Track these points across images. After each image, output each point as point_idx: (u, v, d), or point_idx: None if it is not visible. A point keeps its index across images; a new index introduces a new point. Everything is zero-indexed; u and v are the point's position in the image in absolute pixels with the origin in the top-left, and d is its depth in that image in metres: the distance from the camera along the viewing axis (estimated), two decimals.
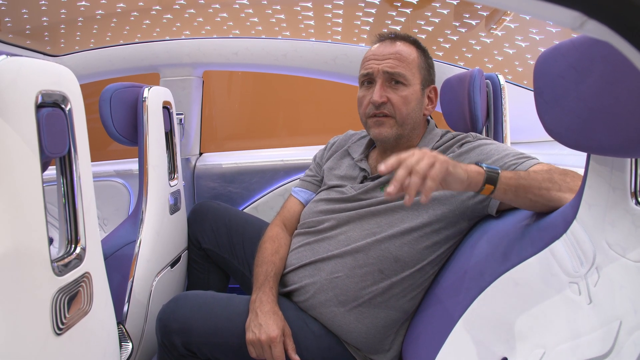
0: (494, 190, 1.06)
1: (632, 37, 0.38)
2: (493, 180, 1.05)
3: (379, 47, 1.47)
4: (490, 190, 1.06)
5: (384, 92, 1.42)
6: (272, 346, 1.29)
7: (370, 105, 1.44)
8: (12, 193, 0.78)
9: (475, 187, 1.06)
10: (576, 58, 0.77)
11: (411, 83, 1.43)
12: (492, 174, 1.05)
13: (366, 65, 1.47)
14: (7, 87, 0.78)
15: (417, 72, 1.45)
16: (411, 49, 1.46)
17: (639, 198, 0.76)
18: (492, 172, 1.06)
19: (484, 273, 1.10)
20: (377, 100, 1.41)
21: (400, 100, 1.42)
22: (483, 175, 1.05)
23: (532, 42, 2.17)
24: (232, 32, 2.42)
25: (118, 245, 1.59)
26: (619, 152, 0.74)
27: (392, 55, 1.43)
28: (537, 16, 0.45)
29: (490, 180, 1.05)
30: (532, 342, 0.89)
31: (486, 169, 1.06)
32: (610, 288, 0.77)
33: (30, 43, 2.34)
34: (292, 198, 1.70)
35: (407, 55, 1.44)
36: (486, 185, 1.05)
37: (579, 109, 0.76)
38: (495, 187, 1.06)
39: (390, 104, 1.42)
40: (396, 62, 1.42)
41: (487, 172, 1.06)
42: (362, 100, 1.48)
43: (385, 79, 1.43)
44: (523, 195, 1.06)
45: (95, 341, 1.03)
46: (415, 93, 1.44)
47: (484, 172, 1.05)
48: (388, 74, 1.42)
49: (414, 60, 1.45)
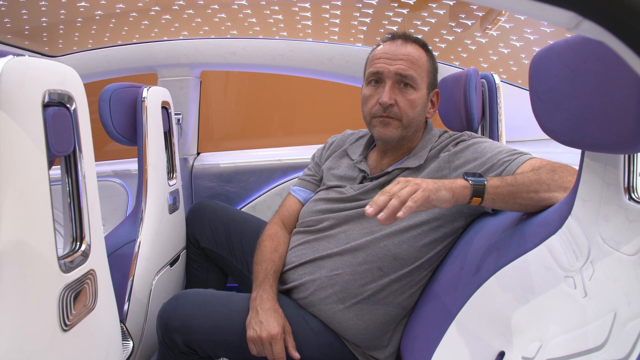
0: (481, 202, 1.10)
1: (626, 37, 0.40)
2: (480, 193, 1.09)
3: (390, 47, 1.45)
4: (478, 202, 1.10)
5: (392, 94, 1.42)
6: (273, 343, 1.30)
7: (378, 106, 1.43)
8: (19, 190, 0.79)
9: (463, 201, 1.10)
10: (570, 57, 0.79)
11: (420, 87, 1.44)
12: (478, 186, 1.09)
13: (376, 63, 1.45)
14: (15, 87, 0.79)
15: (425, 76, 1.46)
16: (421, 52, 1.46)
17: (632, 193, 0.78)
18: (478, 184, 1.09)
19: (481, 269, 1.12)
20: (386, 102, 1.40)
21: (408, 104, 1.42)
22: (469, 189, 1.09)
23: (527, 42, 2.19)
24: (230, 32, 2.43)
25: (118, 245, 1.60)
26: (612, 149, 0.76)
27: (404, 57, 1.42)
28: (533, 16, 0.46)
29: (477, 193, 1.09)
30: (528, 336, 0.91)
31: (472, 183, 1.09)
32: (605, 281, 0.79)
33: (28, 44, 2.35)
34: (290, 197, 1.71)
35: (418, 58, 1.44)
36: (474, 198, 1.10)
37: (573, 107, 0.78)
38: (482, 198, 1.09)
39: (397, 107, 1.42)
40: (408, 64, 1.42)
41: (473, 185, 1.09)
42: (369, 99, 1.47)
43: (395, 80, 1.42)
44: (512, 201, 1.09)
45: (99, 338, 1.05)
46: (422, 97, 1.45)
47: (469, 185, 1.09)
48: (400, 76, 1.41)
49: (424, 64, 1.45)
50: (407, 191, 1.02)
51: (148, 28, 2.43)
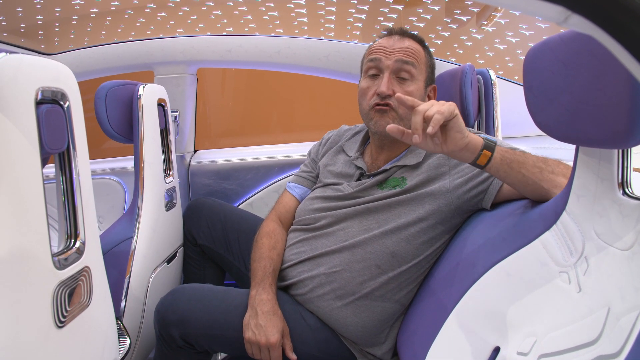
0: (490, 157, 1.07)
1: (613, 30, 0.40)
2: (490, 148, 1.07)
3: (388, 41, 1.46)
4: (487, 157, 1.07)
5: (390, 85, 1.42)
6: (271, 350, 1.31)
7: (376, 96, 1.43)
8: (13, 188, 0.79)
9: (473, 150, 1.06)
10: (564, 52, 0.79)
11: (417, 79, 1.44)
12: (489, 142, 1.07)
13: (375, 54, 1.46)
14: (8, 84, 0.79)
15: (424, 69, 1.46)
16: (419, 46, 1.47)
17: (625, 188, 0.79)
18: (490, 140, 1.08)
19: (477, 264, 1.12)
20: (384, 91, 1.40)
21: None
22: (481, 141, 1.07)
23: (522, 38, 2.19)
24: (226, 29, 2.43)
25: (115, 242, 1.60)
26: (606, 144, 0.76)
27: (403, 50, 1.43)
28: (524, 11, 0.46)
29: (487, 147, 1.07)
30: (523, 331, 0.91)
31: (484, 137, 1.08)
32: (599, 276, 0.79)
33: (24, 41, 2.34)
34: (287, 193, 1.70)
35: (416, 51, 1.44)
36: (484, 151, 1.07)
37: (568, 103, 0.78)
38: (492, 154, 1.07)
39: (394, 98, 1.42)
40: (406, 56, 1.42)
41: (485, 139, 1.08)
42: (367, 91, 1.46)
43: (394, 70, 1.42)
44: (517, 169, 1.08)
45: (94, 334, 1.05)
46: (419, 90, 1.45)
47: (482, 139, 1.08)
48: (401, 62, 1.41)
49: (422, 58, 1.46)
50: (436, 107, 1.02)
51: (144, 25, 2.43)
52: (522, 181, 1.09)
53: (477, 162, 1.08)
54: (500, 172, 1.10)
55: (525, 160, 1.08)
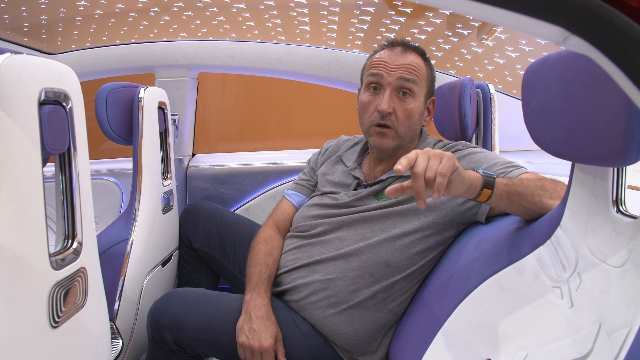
0: (491, 195, 1.06)
1: (610, 52, 0.41)
2: (490, 185, 1.05)
3: (390, 55, 1.45)
4: (487, 195, 1.06)
5: (391, 102, 1.41)
6: (264, 355, 1.31)
7: (377, 113, 1.43)
8: (13, 187, 0.79)
9: (473, 190, 1.05)
10: (563, 70, 0.80)
11: (418, 96, 1.44)
12: (489, 179, 1.06)
13: (375, 70, 1.45)
14: (11, 84, 0.79)
15: (425, 85, 1.46)
16: (420, 61, 1.46)
17: (620, 206, 0.79)
18: (489, 177, 1.06)
19: (471, 277, 1.12)
20: (385, 110, 1.40)
21: (405, 114, 1.42)
22: (481, 180, 1.05)
23: (522, 53, 2.21)
24: (228, 35, 2.44)
25: (110, 243, 1.60)
26: (602, 162, 0.77)
27: (405, 66, 1.42)
28: (523, 30, 0.47)
29: (487, 185, 1.05)
30: (515, 344, 0.91)
31: (483, 174, 1.06)
32: (591, 292, 0.80)
33: (27, 40, 2.35)
34: (285, 200, 1.71)
35: (418, 68, 1.44)
36: (484, 189, 1.05)
37: (565, 119, 0.79)
38: (492, 191, 1.06)
39: (394, 116, 1.42)
40: (407, 74, 1.42)
41: (484, 177, 1.05)
42: (368, 106, 1.46)
43: (395, 87, 1.42)
44: (517, 202, 1.07)
45: (88, 335, 1.05)
46: (419, 106, 1.45)
47: (481, 176, 1.05)
48: (403, 79, 1.41)
49: (423, 73, 1.46)
50: (434, 164, 0.94)
51: (147, 28, 2.44)
52: (522, 211, 1.09)
53: (477, 199, 1.08)
54: (501, 206, 1.11)
55: (524, 191, 1.07)
